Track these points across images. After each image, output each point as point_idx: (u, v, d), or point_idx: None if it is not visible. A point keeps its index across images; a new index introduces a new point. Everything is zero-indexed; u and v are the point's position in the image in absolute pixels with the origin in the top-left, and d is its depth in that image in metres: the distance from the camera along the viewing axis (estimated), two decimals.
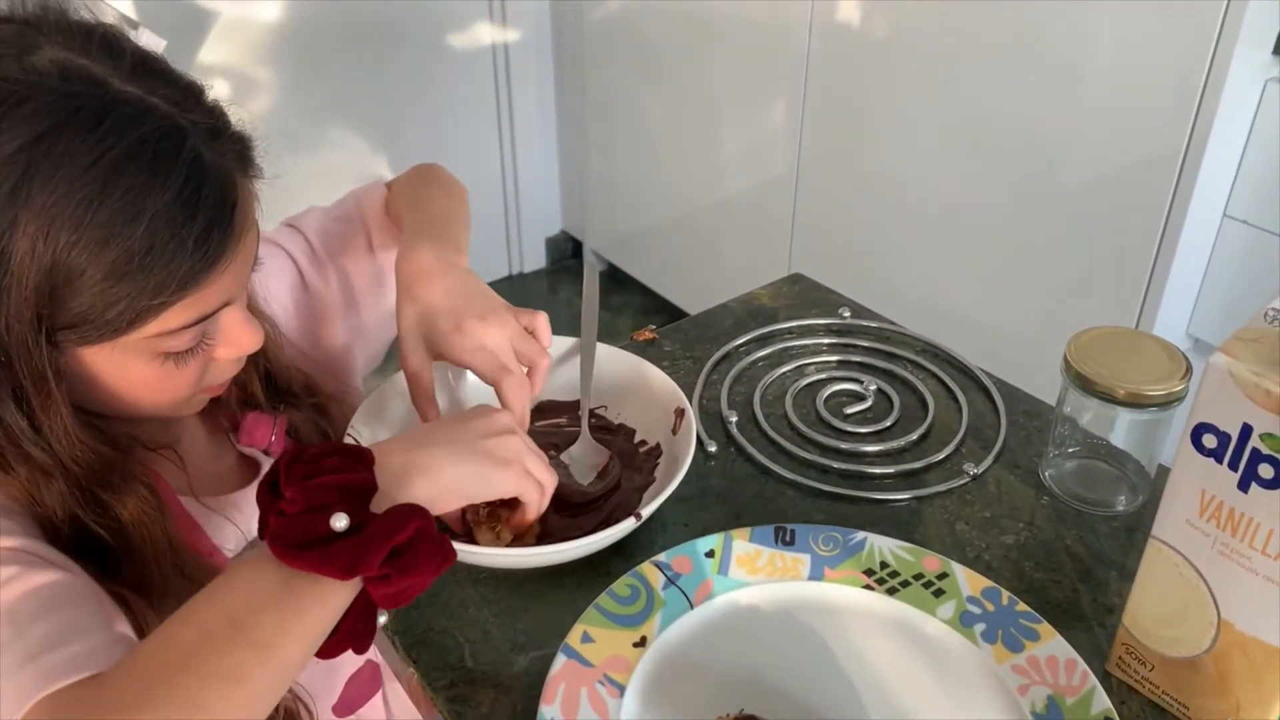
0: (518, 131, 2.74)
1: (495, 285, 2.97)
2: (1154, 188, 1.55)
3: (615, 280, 2.90)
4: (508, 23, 2.60)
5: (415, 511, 0.54)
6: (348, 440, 0.77)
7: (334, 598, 0.53)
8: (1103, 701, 0.64)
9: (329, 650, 0.55)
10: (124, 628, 0.62)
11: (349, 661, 0.86)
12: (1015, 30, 1.64)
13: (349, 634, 0.55)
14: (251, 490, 0.82)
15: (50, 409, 0.61)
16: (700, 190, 2.42)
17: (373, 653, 0.88)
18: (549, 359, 0.77)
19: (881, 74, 1.88)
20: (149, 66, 0.63)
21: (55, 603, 0.57)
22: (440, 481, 0.60)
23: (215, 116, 0.64)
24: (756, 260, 2.32)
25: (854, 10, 1.88)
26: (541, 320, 0.78)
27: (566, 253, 3.01)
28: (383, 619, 0.58)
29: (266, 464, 0.84)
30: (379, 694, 0.90)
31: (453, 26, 2.54)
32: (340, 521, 0.52)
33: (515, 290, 2.88)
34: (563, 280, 2.96)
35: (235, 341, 0.69)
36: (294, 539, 0.51)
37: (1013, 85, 1.67)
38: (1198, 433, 0.58)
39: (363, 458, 0.56)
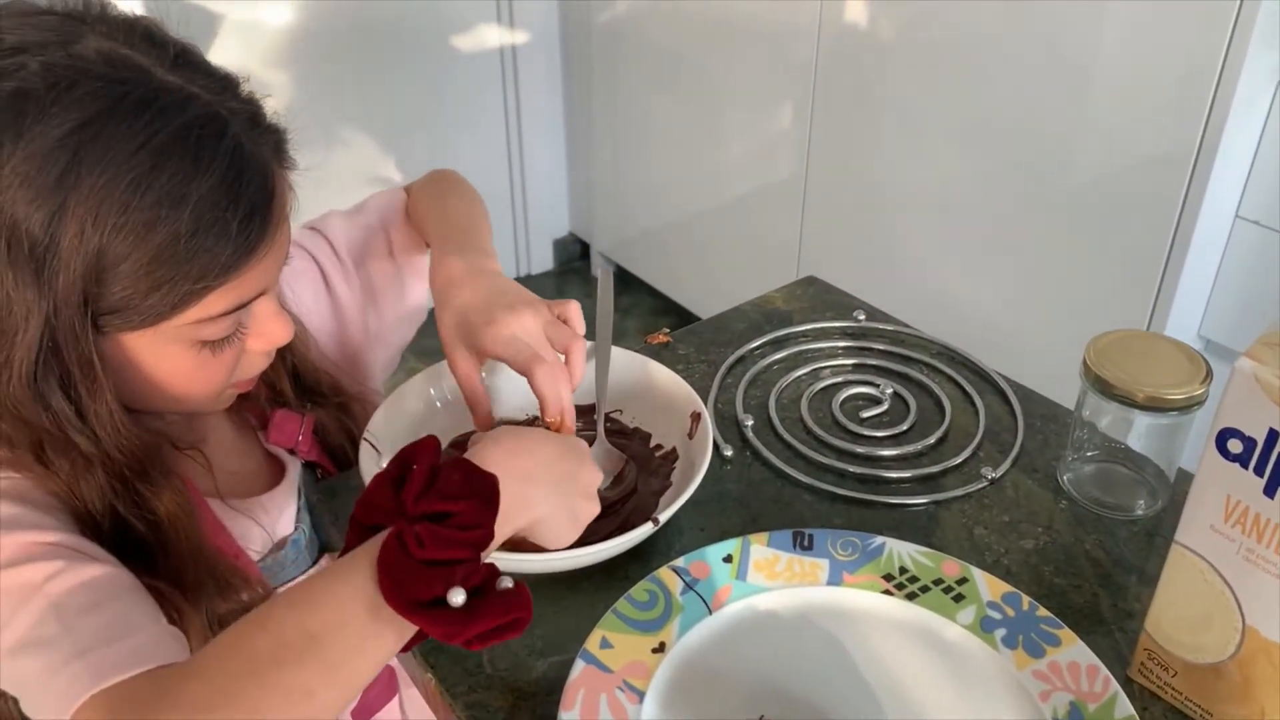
0: (526, 134, 2.74)
1: None
2: (1166, 189, 1.54)
3: (623, 282, 2.89)
4: (516, 25, 2.60)
5: (523, 603, 0.53)
6: (364, 444, 0.77)
7: (410, 635, 0.53)
8: (1125, 708, 0.64)
9: None
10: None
11: None
12: (1026, 31, 1.63)
13: None
14: (278, 493, 0.82)
15: (97, 395, 0.62)
16: (708, 192, 2.42)
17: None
18: (584, 343, 0.76)
19: (890, 76, 1.87)
20: (188, 58, 0.64)
21: (104, 596, 0.57)
22: (533, 528, 0.63)
23: (253, 107, 0.66)
24: (765, 263, 2.31)
25: (863, 12, 1.88)
26: (574, 308, 0.78)
27: (574, 255, 3.01)
28: None
29: (292, 464, 0.84)
30: (395, 699, 0.89)
31: (461, 30, 2.54)
32: (458, 598, 0.51)
33: None
34: (570, 282, 2.96)
35: (267, 333, 0.70)
36: (410, 591, 0.50)
37: (1023, 87, 1.67)
38: (1223, 438, 0.57)
39: (492, 498, 0.55)
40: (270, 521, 0.81)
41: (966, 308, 1.86)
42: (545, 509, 0.62)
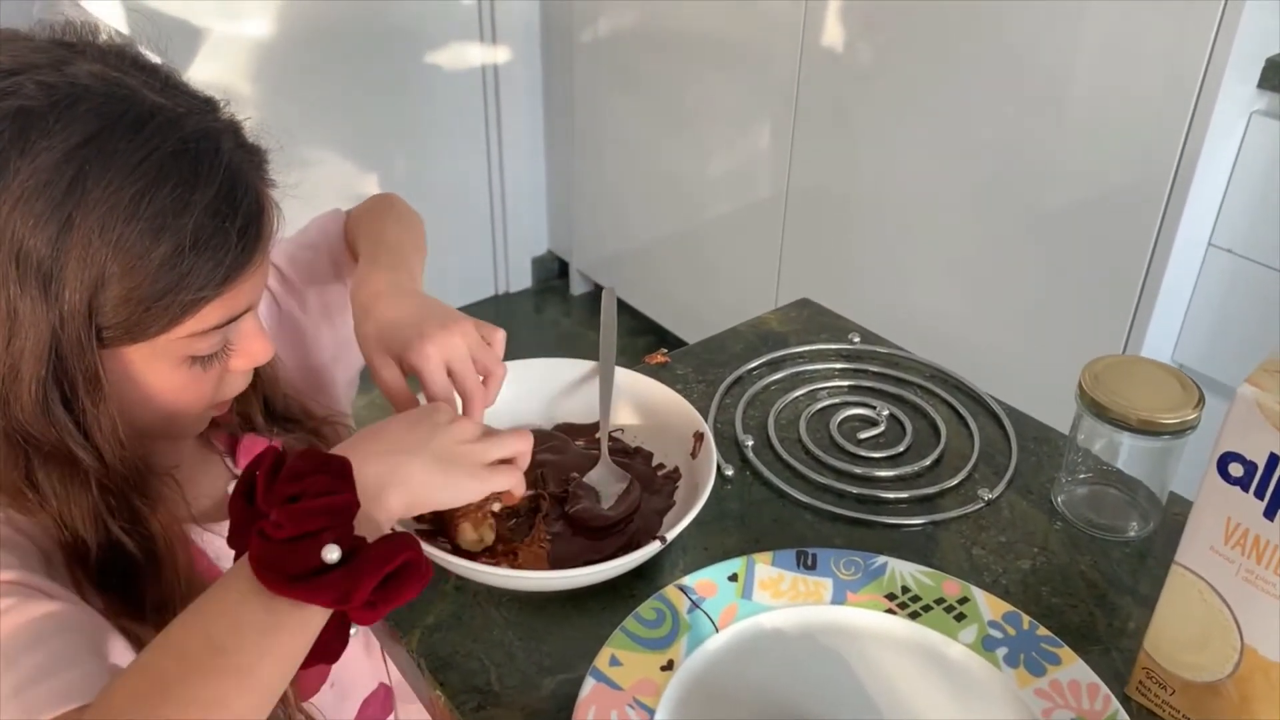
0: (506, 151, 2.75)
1: (481, 304, 2.99)
2: (1141, 217, 1.58)
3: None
4: (497, 43, 2.61)
5: (406, 543, 0.54)
6: None
7: (315, 621, 0.53)
8: None
9: (302, 664, 0.55)
10: (121, 658, 0.61)
11: (362, 686, 0.86)
12: (1005, 59, 1.67)
13: (322, 649, 0.55)
14: None
15: (101, 407, 0.62)
16: (688, 211, 2.44)
17: (385, 676, 0.88)
18: (504, 370, 0.76)
19: (871, 98, 1.90)
20: (172, 80, 0.66)
21: (47, 633, 0.57)
22: (415, 494, 0.62)
23: (235, 126, 0.68)
24: (745, 282, 2.33)
25: (844, 33, 1.91)
26: (500, 335, 0.77)
27: (553, 273, 3.02)
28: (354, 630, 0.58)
29: None
30: (391, 718, 0.89)
31: (442, 46, 2.55)
32: (333, 554, 0.51)
33: (501, 310, 2.88)
34: (549, 300, 2.97)
35: (250, 351, 0.71)
36: (282, 568, 0.51)
37: (1002, 114, 1.70)
38: (1224, 461, 0.59)
39: (344, 472, 0.56)
40: None
41: (943, 329, 1.88)
42: (418, 469, 0.62)
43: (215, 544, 0.76)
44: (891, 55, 1.84)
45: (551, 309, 2.94)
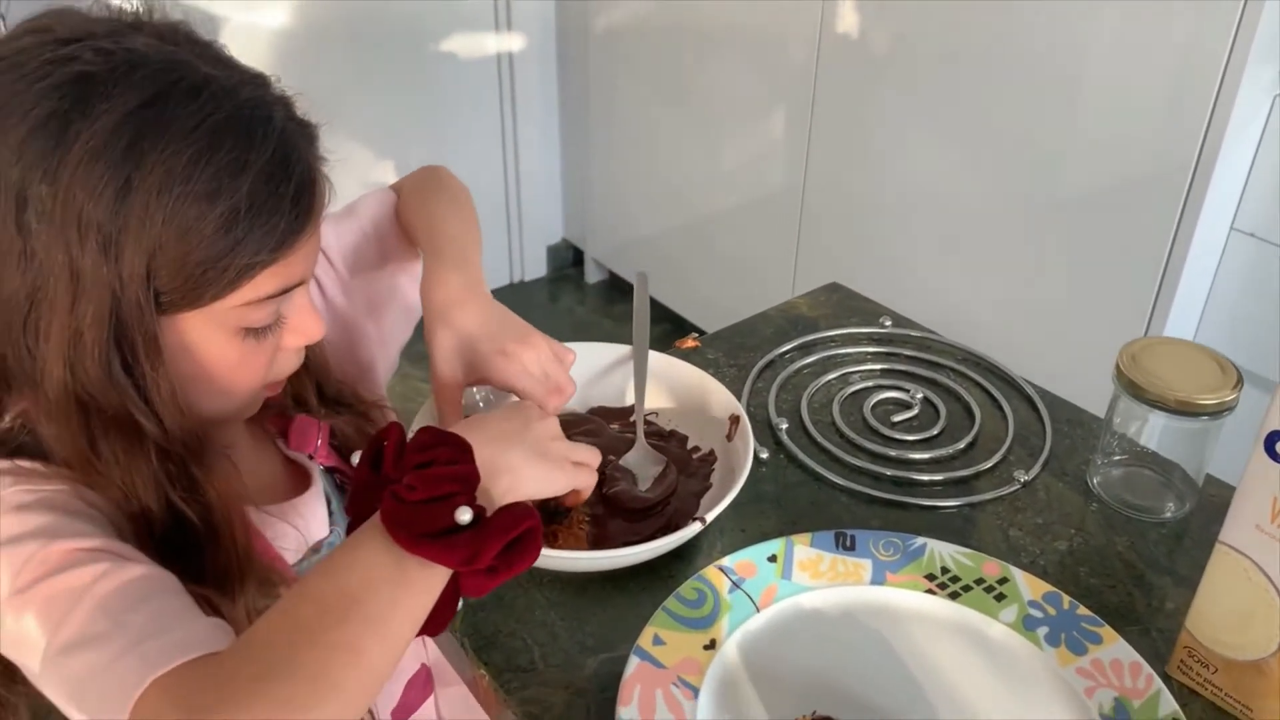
0: (521, 139, 2.75)
1: (497, 293, 2.94)
2: (1164, 202, 1.57)
3: (617, 290, 2.91)
4: (512, 31, 2.61)
5: (527, 513, 0.56)
6: None
7: (439, 581, 0.55)
8: (1170, 704, 0.66)
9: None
10: None
11: (407, 667, 0.87)
12: (1025, 44, 1.66)
13: (433, 617, 0.57)
14: (309, 496, 0.82)
15: (160, 371, 0.63)
16: (704, 199, 2.44)
17: (427, 656, 0.89)
18: (573, 388, 0.79)
19: (889, 84, 1.90)
20: (223, 56, 0.67)
21: (149, 594, 0.58)
22: (517, 482, 0.64)
23: (287, 100, 0.68)
24: (763, 271, 2.33)
25: (861, 19, 1.90)
26: (571, 355, 0.80)
27: (568, 261, 3.02)
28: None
29: (315, 469, 0.85)
30: (431, 698, 0.90)
31: (458, 35, 2.55)
32: (465, 515, 0.54)
33: (516, 298, 2.88)
34: (563, 289, 2.97)
35: (302, 328, 0.72)
36: (415, 527, 0.53)
37: (1022, 99, 1.69)
38: (1271, 440, 0.59)
39: (466, 447, 0.58)
40: (304, 525, 0.81)
41: (963, 317, 1.88)
42: (517, 459, 0.64)
43: (273, 525, 0.76)
44: (910, 42, 1.84)
45: (566, 297, 2.94)
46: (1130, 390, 0.78)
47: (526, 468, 0.65)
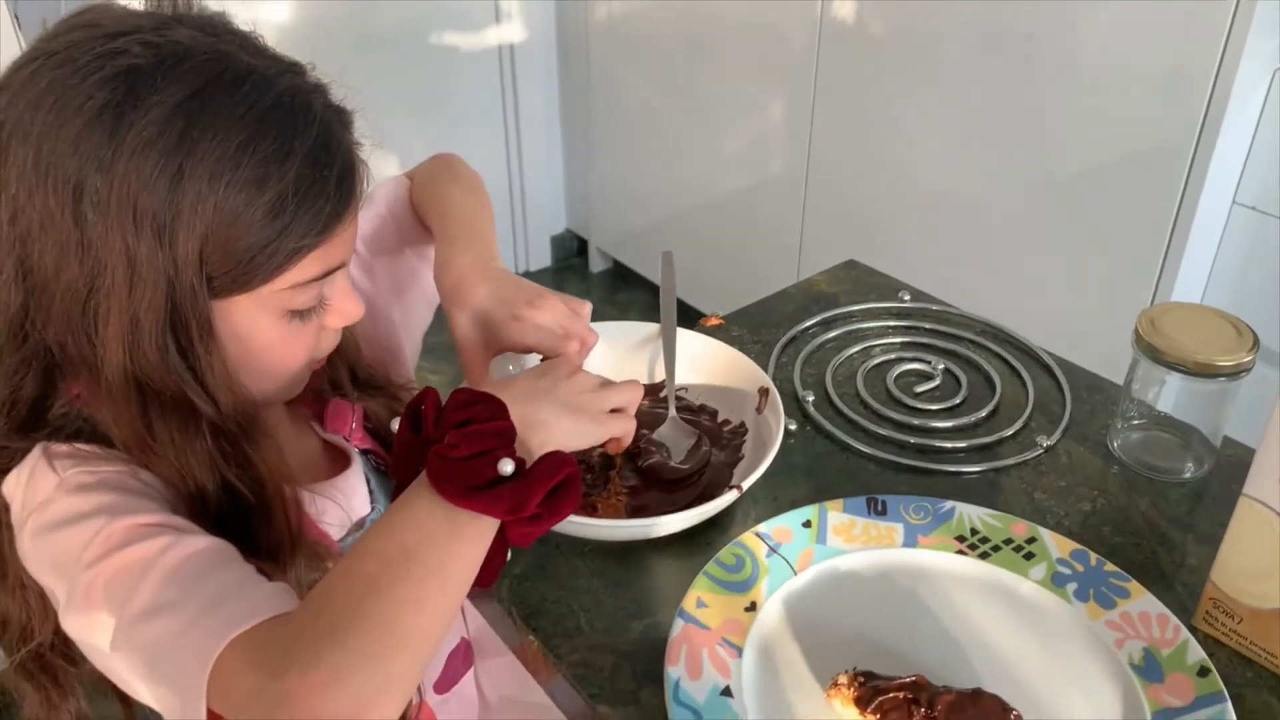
0: (523, 131, 2.76)
1: None
2: (1167, 177, 1.60)
3: (621, 279, 2.93)
4: (513, 23, 2.62)
5: (566, 460, 0.59)
6: None
7: (489, 531, 0.58)
8: (1197, 652, 0.68)
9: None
10: None
11: (448, 640, 0.89)
12: (1027, 23, 1.68)
13: (484, 566, 0.59)
14: (350, 474, 0.84)
15: (214, 354, 0.66)
16: (707, 188, 2.46)
17: (467, 631, 0.91)
18: (596, 337, 0.80)
19: (891, 67, 1.92)
20: (260, 46, 0.69)
21: (214, 564, 0.60)
22: (551, 436, 0.66)
23: (322, 87, 0.70)
24: (764, 258, 2.35)
25: (861, 6, 1.92)
26: (587, 306, 0.82)
27: (571, 251, 3.04)
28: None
29: (353, 451, 0.87)
30: (470, 671, 0.92)
31: (459, 29, 2.56)
32: (508, 466, 0.57)
33: None
34: (568, 279, 2.99)
35: (343, 309, 0.74)
36: (461, 482, 0.56)
37: (1024, 78, 1.72)
38: None
39: (501, 404, 0.61)
40: (345, 502, 0.83)
41: (970, 294, 1.90)
42: (549, 413, 0.66)
43: (317, 503, 0.79)
44: (911, 24, 1.85)
45: (571, 287, 2.96)
46: (1150, 354, 0.80)
47: (559, 422, 0.67)
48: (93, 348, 0.64)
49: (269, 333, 0.69)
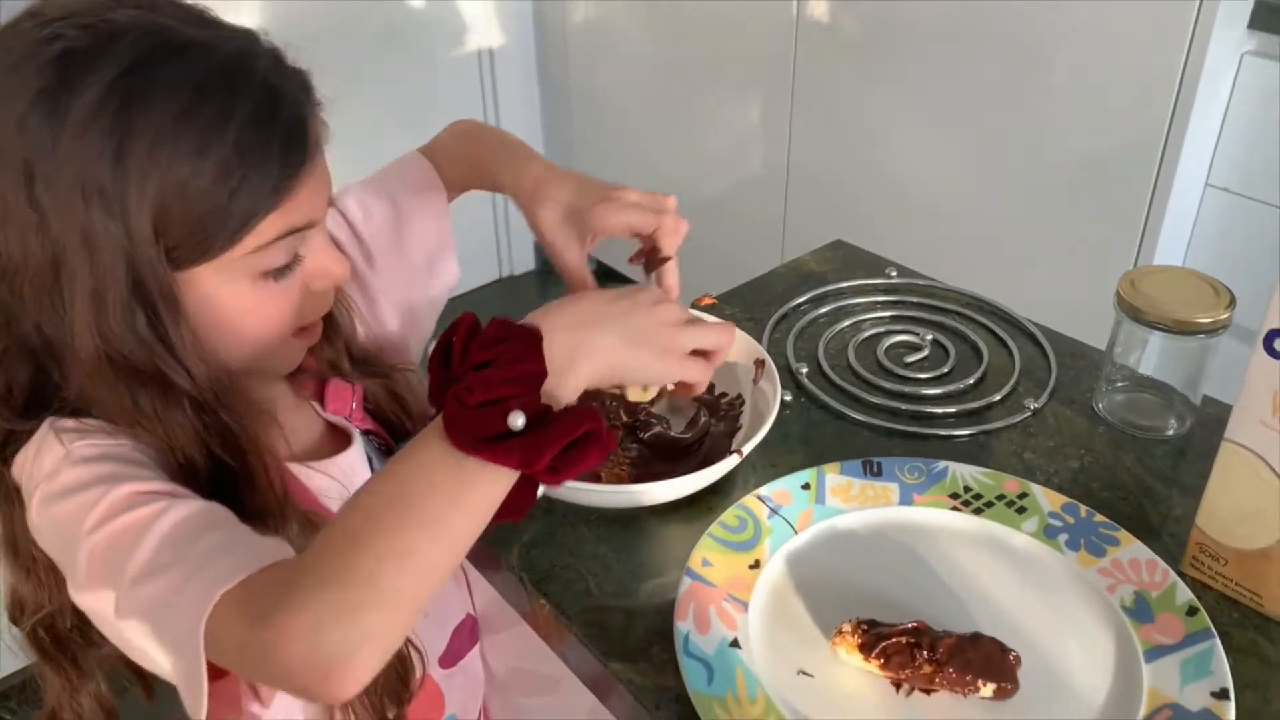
0: None
1: (485, 288, 3.03)
2: (1141, 161, 1.63)
3: (604, 277, 2.94)
4: (492, 27, 2.65)
5: (588, 415, 0.56)
6: None
7: (503, 480, 0.56)
8: (1185, 594, 0.71)
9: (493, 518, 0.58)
10: None
11: (453, 616, 0.91)
12: (1000, 13, 1.72)
13: (510, 505, 0.58)
14: (351, 453, 0.85)
15: (182, 324, 0.66)
16: (688, 189, 2.48)
17: (473, 607, 0.93)
18: (685, 225, 0.84)
19: (867, 66, 1.95)
20: (207, 18, 0.69)
21: (209, 524, 0.61)
22: (603, 368, 0.62)
23: (276, 51, 0.70)
24: (747, 258, 2.37)
25: (836, 4, 1.95)
26: (672, 198, 0.83)
27: None
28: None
29: (354, 430, 0.88)
30: (477, 647, 0.94)
31: (439, 34, 2.58)
32: (518, 421, 0.54)
33: (505, 292, 2.92)
34: (552, 282, 3.01)
35: (324, 269, 0.73)
36: (472, 431, 0.54)
37: (999, 68, 1.75)
38: (1270, 338, 0.64)
39: (535, 341, 0.58)
40: (345, 479, 0.84)
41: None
42: (605, 343, 0.62)
43: (316, 480, 0.80)
44: (887, 18, 1.89)
45: (556, 290, 2.96)
46: (1131, 314, 0.83)
47: (618, 353, 0.62)
48: (66, 328, 0.65)
49: (243, 299, 0.69)
